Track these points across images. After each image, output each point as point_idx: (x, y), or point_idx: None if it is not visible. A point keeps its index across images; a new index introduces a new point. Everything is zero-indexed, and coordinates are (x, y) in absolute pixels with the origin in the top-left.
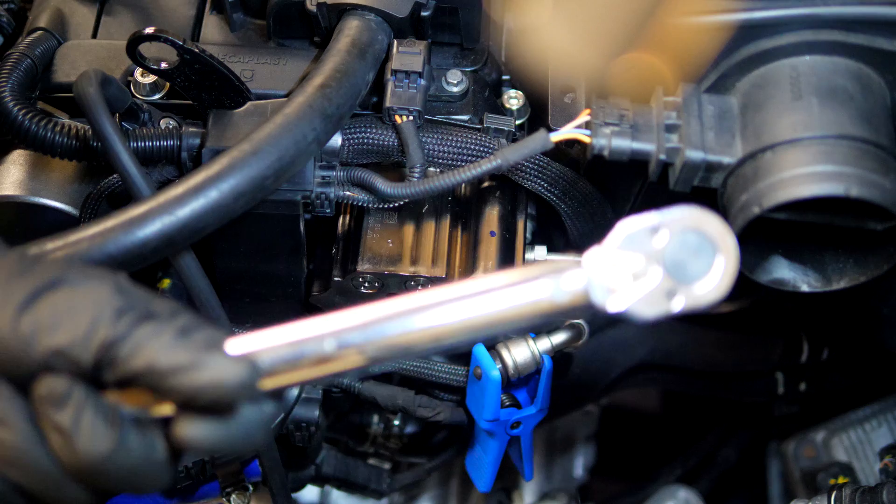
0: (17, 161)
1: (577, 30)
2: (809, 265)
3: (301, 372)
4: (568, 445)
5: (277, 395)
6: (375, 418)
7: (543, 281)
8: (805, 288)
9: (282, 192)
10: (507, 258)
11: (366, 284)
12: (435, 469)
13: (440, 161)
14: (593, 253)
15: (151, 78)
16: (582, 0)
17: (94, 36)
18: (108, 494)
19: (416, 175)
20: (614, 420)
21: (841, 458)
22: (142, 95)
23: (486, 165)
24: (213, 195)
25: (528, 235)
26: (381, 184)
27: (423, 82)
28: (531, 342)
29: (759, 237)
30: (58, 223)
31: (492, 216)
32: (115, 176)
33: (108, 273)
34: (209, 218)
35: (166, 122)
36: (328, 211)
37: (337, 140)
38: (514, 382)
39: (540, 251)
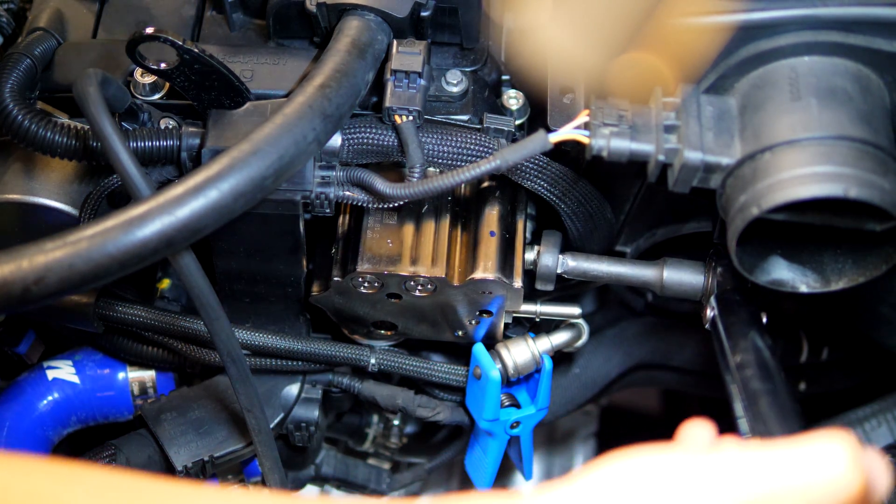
0: (17, 161)
1: (577, 30)
2: (808, 266)
3: None
4: (568, 445)
5: None
6: (375, 418)
7: None
8: (804, 288)
9: (281, 192)
10: (507, 258)
11: (365, 284)
12: (435, 469)
13: (440, 161)
14: None
15: (151, 78)
16: (581, 0)
17: (94, 36)
18: None
19: (416, 175)
20: (614, 420)
21: None
22: (141, 95)
23: (485, 166)
24: (212, 195)
25: (527, 235)
26: (381, 184)
27: (422, 82)
28: (531, 342)
29: (757, 238)
30: (58, 223)
31: (491, 216)
32: (114, 176)
33: None
34: (209, 218)
35: (166, 122)
36: (328, 211)
37: (336, 140)
38: (514, 382)
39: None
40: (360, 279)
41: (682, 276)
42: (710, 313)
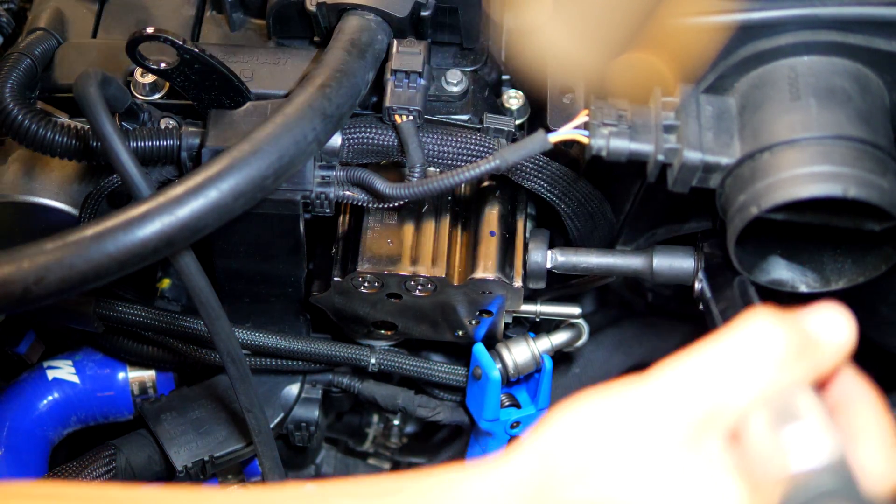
0: (17, 161)
1: (577, 30)
2: (808, 265)
3: None
4: None
5: None
6: (375, 418)
7: None
8: (803, 288)
9: (281, 192)
10: (507, 258)
11: (365, 284)
12: None
13: (440, 161)
14: None
15: (151, 78)
16: (581, 0)
17: (94, 36)
18: None
19: (416, 175)
20: None
21: None
22: (141, 95)
23: (485, 166)
24: (212, 195)
25: (527, 235)
26: (381, 184)
27: (422, 82)
28: (531, 342)
29: (757, 237)
30: (58, 223)
31: (492, 216)
32: (114, 176)
33: None
34: (209, 218)
35: (166, 122)
36: (328, 211)
37: (337, 140)
38: (514, 382)
39: None
40: (360, 279)
41: (671, 262)
42: (697, 286)
